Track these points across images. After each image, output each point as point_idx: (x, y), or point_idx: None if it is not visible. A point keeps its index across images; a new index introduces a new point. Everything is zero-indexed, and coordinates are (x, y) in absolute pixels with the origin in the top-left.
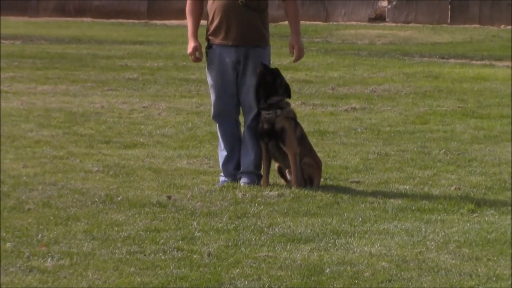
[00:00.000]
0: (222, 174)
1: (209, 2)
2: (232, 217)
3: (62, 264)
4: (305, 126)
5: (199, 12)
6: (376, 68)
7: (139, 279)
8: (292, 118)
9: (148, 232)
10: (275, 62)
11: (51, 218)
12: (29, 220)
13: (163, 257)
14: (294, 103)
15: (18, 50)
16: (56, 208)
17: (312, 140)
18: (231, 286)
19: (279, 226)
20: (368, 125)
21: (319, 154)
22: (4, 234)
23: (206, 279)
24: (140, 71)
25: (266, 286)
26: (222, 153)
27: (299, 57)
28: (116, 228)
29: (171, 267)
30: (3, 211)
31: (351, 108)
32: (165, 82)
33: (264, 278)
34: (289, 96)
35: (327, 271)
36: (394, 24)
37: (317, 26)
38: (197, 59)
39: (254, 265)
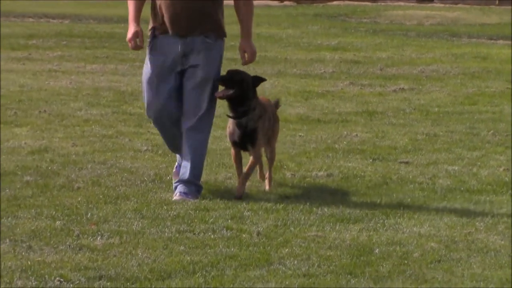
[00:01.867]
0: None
1: None
2: (281, 196)
3: (112, 243)
4: (353, 107)
5: None
6: (424, 48)
7: (188, 258)
8: (263, 113)
9: (197, 211)
10: (323, 42)
11: (101, 196)
12: (79, 199)
13: (212, 236)
14: (343, 83)
15: (66, 29)
16: (106, 187)
17: (361, 120)
18: (280, 266)
19: (328, 206)
20: (417, 106)
21: (367, 135)
22: (54, 212)
23: (255, 258)
24: None
25: (315, 266)
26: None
27: (251, 60)
28: (165, 207)
29: (220, 246)
30: (53, 189)
31: (400, 88)
32: None
33: (313, 257)
34: (262, 80)
35: (376, 251)
36: (442, 5)
37: (365, 7)
38: (137, 47)
39: (303, 244)
